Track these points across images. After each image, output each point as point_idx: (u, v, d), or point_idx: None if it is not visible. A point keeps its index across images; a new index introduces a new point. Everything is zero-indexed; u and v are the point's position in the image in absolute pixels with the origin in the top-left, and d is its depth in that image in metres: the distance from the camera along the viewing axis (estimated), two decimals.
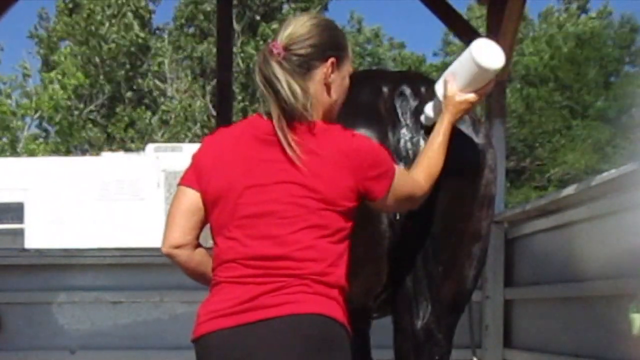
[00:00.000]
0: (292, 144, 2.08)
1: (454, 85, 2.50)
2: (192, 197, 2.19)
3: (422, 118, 2.62)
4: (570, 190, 4.05)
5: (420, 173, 2.37)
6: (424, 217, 2.55)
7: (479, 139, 2.72)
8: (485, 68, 2.47)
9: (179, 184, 2.23)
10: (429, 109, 2.60)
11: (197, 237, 2.22)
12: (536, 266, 4.60)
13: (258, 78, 2.15)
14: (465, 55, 2.51)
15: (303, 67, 2.15)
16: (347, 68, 2.26)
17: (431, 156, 2.42)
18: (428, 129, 2.57)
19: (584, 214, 3.88)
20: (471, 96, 2.51)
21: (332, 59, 2.19)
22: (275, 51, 2.13)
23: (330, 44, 2.19)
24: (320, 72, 2.18)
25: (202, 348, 2.11)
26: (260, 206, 2.10)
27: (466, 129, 2.69)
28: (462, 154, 2.66)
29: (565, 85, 22.60)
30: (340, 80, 2.23)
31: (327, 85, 2.19)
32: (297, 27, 2.17)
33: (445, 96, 2.51)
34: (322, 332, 2.06)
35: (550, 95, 22.16)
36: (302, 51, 2.15)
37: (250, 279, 2.07)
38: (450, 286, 2.71)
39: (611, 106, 21.74)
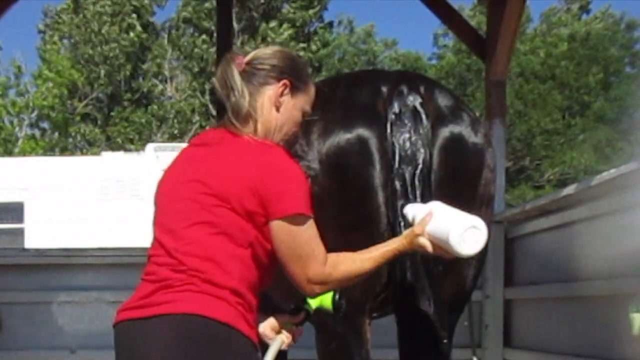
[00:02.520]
0: (215, 146, 2.22)
1: (424, 227, 2.26)
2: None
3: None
4: (570, 190, 4.06)
5: (333, 261, 2.21)
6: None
7: (478, 139, 2.72)
8: (456, 251, 2.25)
9: None
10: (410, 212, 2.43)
11: None
12: (536, 266, 4.59)
13: (218, 82, 2.29)
14: (448, 224, 2.28)
15: (258, 80, 2.28)
16: (303, 102, 2.34)
17: (353, 263, 2.23)
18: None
19: (584, 214, 3.88)
20: (429, 246, 2.25)
21: (285, 81, 2.29)
22: (237, 61, 2.28)
23: (289, 69, 2.32)
24: (272, 89, 2.29)
25: (114, 335, 2.30)
26: (171, 204, 2.23)
27: (465, 128, 2.69)
28: (461, 154, 2.66)
29: (564, 85, 22.60)
30: (291, 107, 2.32)
31: (276, 105, 2.29)
32: (264, 50, 2.35)
33: (412, 225, 2.32)
34: (198, 331, 2.10)
35: (549, 94, 22.17)
36: (260, 66, 2.29)
37: (153, 275, 2.19)
38: (449, 285, 2.72)
39: (610, 107, 21.76)
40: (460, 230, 2.23)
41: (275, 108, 2.29)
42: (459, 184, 2.67)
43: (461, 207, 2.70)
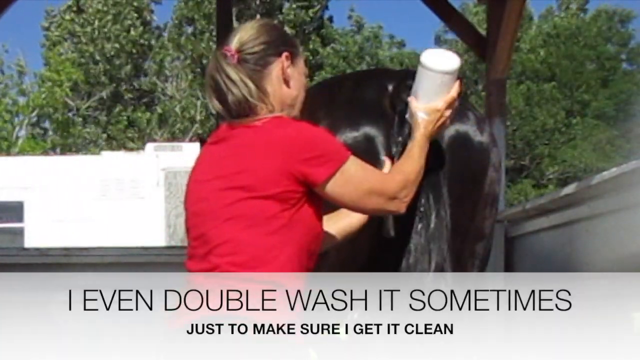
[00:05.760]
0: (228, 141, 2.19)
1: (415, 102, 2.39)
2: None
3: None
4: (570, 188, 4.05)
5: (396, 173, 2.30)
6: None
7: (483, 138, 2.72)
8: (438, 70, 2.36)
9: None
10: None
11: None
12: (536, 265, 4.59)
13: (210, 82, 2.23)
14: (418, 68, 2.42)
15: (259, 64, 2.23)
16: (302, 66, 2.34)
17: (408, 162, 2.32)
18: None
19: (585, 213, 3.88)
20: (436, 103, 2.37)
21: (285, 53, 2.26)
22: (228, 54, 2.21)
23: (280, 40, 2.29)
24: (277, 66, 2.25)
25: None
26: (196, 205, 2.21)
27: (471, 127, 2.69)
28: (466, 153, 2.66)
29: (563, 83, 22.60)
30: (298, 76, 2.30)
31: (285, 80, 2.27)
32: (246, 31, 2.28)
33: (410, 116, 2.42)
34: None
35: (550, 92, 22.18)
36: (255, 49, 2.23)
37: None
38: None
39: (609, 105, 21.77)
40: (428, 58, 2.37)
41: (285, 83, 2.26)
42: (464, 182, 2.66)
43: (466, 206, 2.70)
